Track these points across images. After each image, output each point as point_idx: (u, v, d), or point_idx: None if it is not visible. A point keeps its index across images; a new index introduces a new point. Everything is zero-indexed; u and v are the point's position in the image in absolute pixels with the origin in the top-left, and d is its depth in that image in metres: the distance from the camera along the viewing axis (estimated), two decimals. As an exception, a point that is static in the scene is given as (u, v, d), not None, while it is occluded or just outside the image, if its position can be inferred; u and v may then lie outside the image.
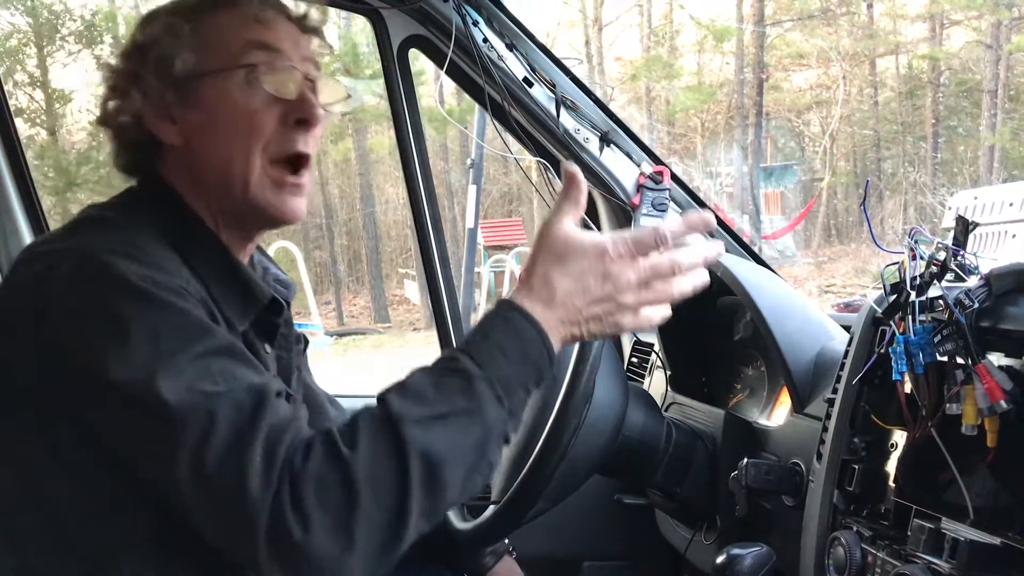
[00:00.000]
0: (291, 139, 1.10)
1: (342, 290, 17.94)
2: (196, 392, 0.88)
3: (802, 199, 17.66)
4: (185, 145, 1.10)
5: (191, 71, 1.08)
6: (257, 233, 1.19)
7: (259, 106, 1.08)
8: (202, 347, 0.91)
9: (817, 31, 18.60)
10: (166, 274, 0.96)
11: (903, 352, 1.03)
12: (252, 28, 1.10)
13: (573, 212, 1.01)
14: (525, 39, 1.94)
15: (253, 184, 1.09)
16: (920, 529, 1.01)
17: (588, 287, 0.98)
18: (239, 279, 1.10)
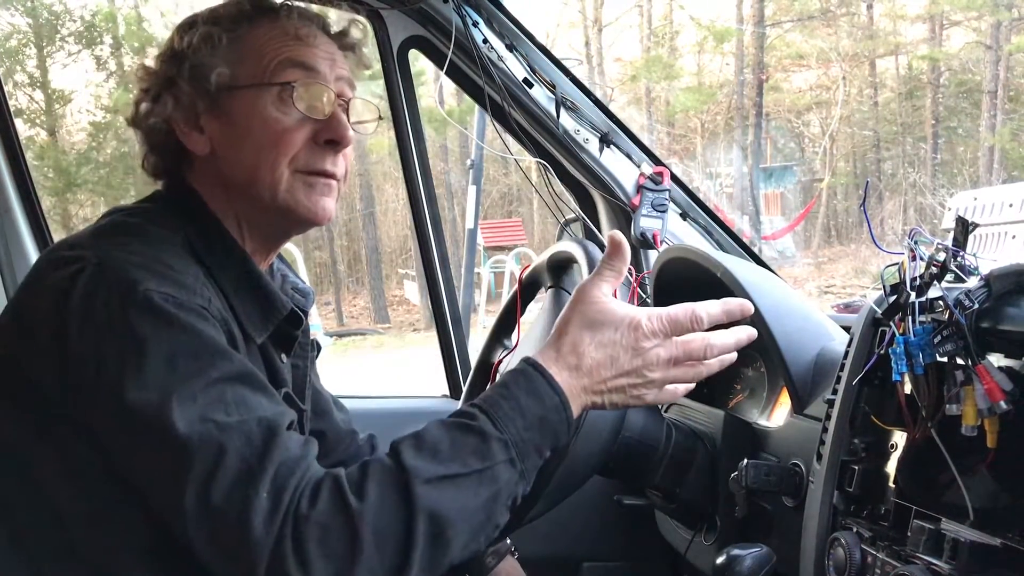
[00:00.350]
0: (319, 157, 1.10)
1: (342, 291, 17.94)
2: (208, 422, 0.88)
3: (802, 200, 17.67)
4: (212, 155, 1.10)
5: (225, 83, 1.08)
6: (283, 240, 1.19)
7: (290, 124, 1.08)
8: (218, 372, 0.91)
9: (817, 32, 18.62)
10: (188, 292, 0.96)
11: (903, 353, 1.03)
12: (290, 45, 1.10)
13: (612, 280, 1.02)
14: (525, 40, 1.94)
15: (282, 190, 1.09)
16: (920, 530, 1.01)
17: (617, 359, 0.99)
18: (260, 290, 1.10)
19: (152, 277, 0.93)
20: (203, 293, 0.98)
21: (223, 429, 0.88)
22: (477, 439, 0.94)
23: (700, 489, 1.45)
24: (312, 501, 0.88)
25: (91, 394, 0.91)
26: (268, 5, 1.13)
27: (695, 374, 1.03)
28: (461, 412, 0.98)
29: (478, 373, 1.63)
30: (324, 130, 1.10)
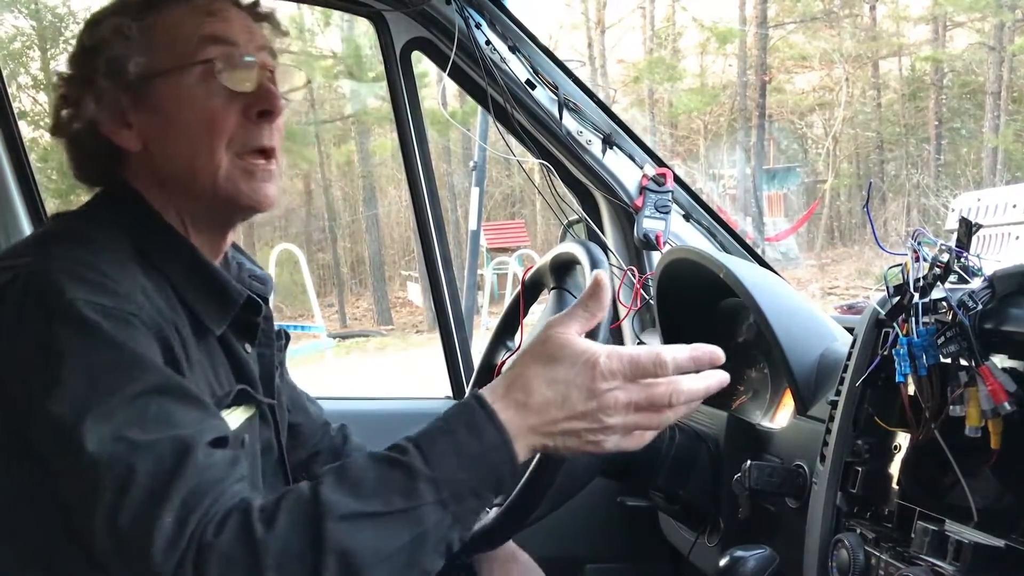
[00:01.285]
0: (255, 133, 1.07)
1: (345, 292, 17.96)
2: (121, 441, 0.84)
3: (805, 201, 17.67)
4: (145, 149, 1.06)
5: (144, 72, 1.04)
6: (230, 228, 1.15)
7: (218, 102, 1.05)
8: (139, 386, 0.88)
9: (820, 33, 18.62)
10: (119, 299, 0.92)
11: (906, 354, 1.03)
12: (203, 22, 1.06)
13: (584, 322, 0.94)
14: (527, 41, 1.94)
15: (221, 178, 1.05)
16: (924, 531, 1.01)
17: (569, 399, 0.90)
18: (212, 282, 1.08)
19: (81, 286, 0.91)
20: (136, 299, 0.95)
21: (135, 448, 0.84)
22: (404, 476, 0.86)
23: (703, 490, 1.45)
24: (218, 529, 0.83)
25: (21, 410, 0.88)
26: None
27: (659, 421, 0.93)
28: (394, 445, 0.90)
29: (481, 375, 1.63)
30: (254, 103, 1.06)
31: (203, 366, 1.05)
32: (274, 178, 1.10)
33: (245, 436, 1.10)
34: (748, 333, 1.63)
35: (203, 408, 0.93)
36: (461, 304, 2.24)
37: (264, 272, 1.27)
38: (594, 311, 0.95)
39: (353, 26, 14.40)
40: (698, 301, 1.68)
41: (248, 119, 1.07)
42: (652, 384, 0.91)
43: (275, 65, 1.11)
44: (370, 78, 14.81)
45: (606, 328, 1.22)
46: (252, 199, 1.08)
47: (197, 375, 1.02)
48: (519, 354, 0.95)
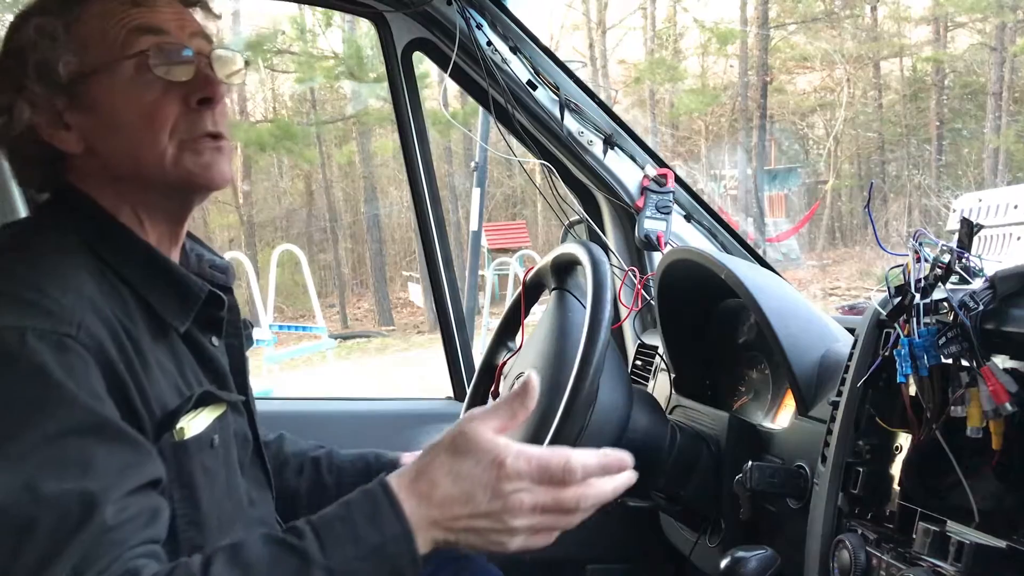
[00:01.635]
0: (198, 121, 1.04)
1: (346, 293, 17.96)
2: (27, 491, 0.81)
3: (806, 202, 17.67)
4: (88, 150, 1.03)
5: (76, 72, 1.01)
6: (186, 215, 1.12)
7: (156, 95, 1.02)
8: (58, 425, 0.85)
9: (821, 34, 18.62)
10: (53, 319, 0.89)
11: (908, 354, 1.03)
12: (131, 13, 1.02)
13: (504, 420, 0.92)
14: (529, 42, 1.94)
15: (169, 164, 1.03)
16: (925, 532, 1.01)
17: (474, 497, 0.88)
18: (172, 279, 1.05)
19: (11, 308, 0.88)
20: (75, 317, 0.91)
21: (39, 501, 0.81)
22: (298, 562, 0.84)
23: (704, 491, 1.45)
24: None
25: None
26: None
27: (565, 523, 0.93)
28: (292, 527, 0.88)
29: (482, 375, 1.63)
30: (194, 91, 1.04)
31: (166, 369, 1.02)
32: (225, 155, 1.07)
33: (214, 437, 1.08)
34: (749, 334, 1.63)
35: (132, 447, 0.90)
36: (462, 305, 2.24)
37: (224, 261, 1.24)
38: (516, 411, 0.93)
39: (354, 27, 14.40)
40: (699, 302, 1.68)
41: (189, 107, 1.04)
42: (560, 488, 0.90)
43: (211, 49, 1.08)
44: (371, 79, 14.81)
45: (607, 329, 1.22)
46: (204, 177, 1.05)
47: (160, 379, 1.00)
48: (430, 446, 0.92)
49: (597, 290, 1.26)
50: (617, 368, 1.40)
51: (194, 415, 1.05)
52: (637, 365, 2.02)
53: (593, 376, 1.19)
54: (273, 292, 10.78)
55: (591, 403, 1.21)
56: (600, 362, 1.20)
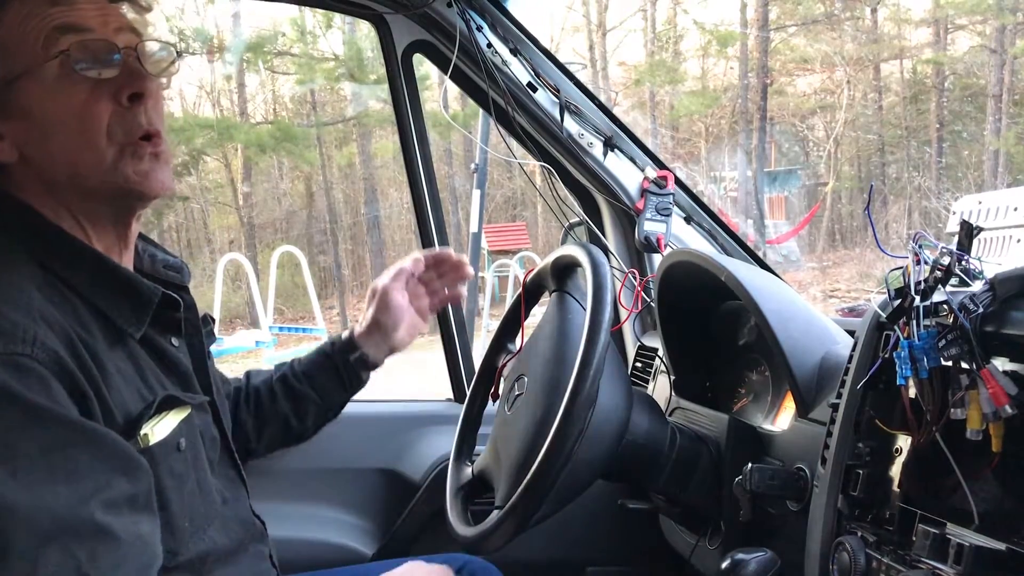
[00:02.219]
0: (132, 120, 1.02)
1: (346, 295, 17.95)
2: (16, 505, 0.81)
3: (806, 204, 17.67)
4: (22, 158, 1.01)
5: (1, 79, 0.98)
6: (131, 220, 1.10)
7: (85, 95, 0.99)
8: (42, 443, 0.85)
9: (821, 36, 18.62)
10: (4, 339, 0.87)
11: (907, 357, 1.03)
12: (51, 14, 0.99)
13: None
14: (529, 44, 1.94)
15: (107, 171, 1.01)
16: (925, 534, 1.01)
17: None
18: (122, 284, 1.04)
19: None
20: (28, 333, 0.89)
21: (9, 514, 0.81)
22: None
23: (704, 493, 1.45)
24: None
25: None
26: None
27: None
28: None
29: (482, 377, 1.63)
30: (122, 87, 1.01)
31: (127, 375, 1.01)
32: (164, 160, 1.05)
33: (180, 440, 1.07)
34: (749, 336, 1.63)
35: (120, 458, 0.91)
36: (462, 306, 2.24)
37: (178, 260, 1.22)
38: None
39: (355, 29, 14.41)
40: (699, 303, 1.68)
41: (120, 105, 1.01)
42: None
43: (138, 42, 1.04)
44: (372, 80, 14.82)
45: (607, 331, 1.22)
46: (145, 186, 1.03)
47: (119, 387, 0.99)
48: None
49: (597, 292, 1.26)
50: (617, 370, 1.40)
51: (158, 420, 1.04)
52: (637, 367, 2.02)
53: (593, 378, 1.19)
54: (273, 294, 10.79)
55: (591, 405, 1.21)
56: (600, 364, 1.20)
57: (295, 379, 1.53)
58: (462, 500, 1.47)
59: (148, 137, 1.03)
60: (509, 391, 1.47)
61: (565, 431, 1.18)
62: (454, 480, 1.51)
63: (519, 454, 1.32)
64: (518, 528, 1.24)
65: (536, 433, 1.30)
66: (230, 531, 1.18)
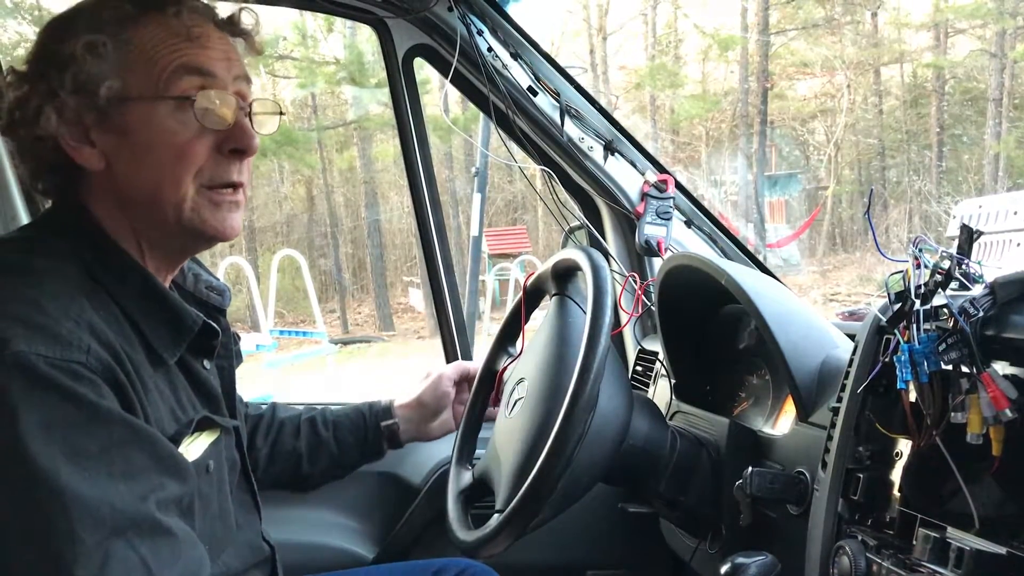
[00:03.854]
0: (225, 169, 1.04)
1: (346, 298, 17.95)
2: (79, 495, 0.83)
3: (806, 208, 17.67)
4: (107, 169, 1.02)
5: (116, 95, 0.99)
6: (186, 256, 1.13)
7: (191, 135, 1.01)
8: (99, 443, 0.86)
9: (821, 40, 18.62)
10: (62, 347, 0.88)
11: (908, 361, 1.03)
12: (183, 49, 1.01)
13: None
14: (529, 48, 1.94)
15: (187, 209, 1.02)
16: (925, 538, 1.01)
17: None
18: (166, 309, 1.04)
19: (24, 333, 0.87)
20: (82, 342, 0.90)
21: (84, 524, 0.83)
22: None
23: (704, 497, 1.45)
24: None
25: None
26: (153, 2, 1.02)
27: None
28: None
29: (482, 381, 1.63)
30: (228, 140, 1.03)
31: (163, 394, 1.02)
32: (240, 208, 1.07)
33: (210, 462, 1.08)
34: (749, 339, 1.63)
35: (167, 458, 0.93)
36: (463, 310, 2.24)
37: (221, 283, 1.23)
38: None
39: (356, 32, 14.43)
40: (699, 307, 1.68)
41: (220, 154, 1.03)
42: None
43: (250, 96, 1.07)
44: (372, 84, 14.84)
45: (607, 335, 1.22)
46: (217, 230, 1.05)
47: (157, 405, 1.00)
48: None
49: (597, 296, 1.26)
50: (617, 374, 1.40)
51: (191, 440, 1.05)
52: (637, 371, 2.02)
53: (593, 382, 1.19)
54: (274, 297, 10.78)
55: (591, 409, 1.21)
56: (600, 368, 1.20)
57: (322, 425, 1.54)
58: (462, 504, 1.47)
59: (233, 186, 1.05)
60: (509, 395, 1.47)
61: (566, 435, 1.18)
62: (455, 484, 1.51)
63: (520, 458, 1.32)
64: (518, 532, 1.24)
65: (536, 437, 1.30)
66: (241, 556, 1.19)
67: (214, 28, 1.05)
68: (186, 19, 1.02)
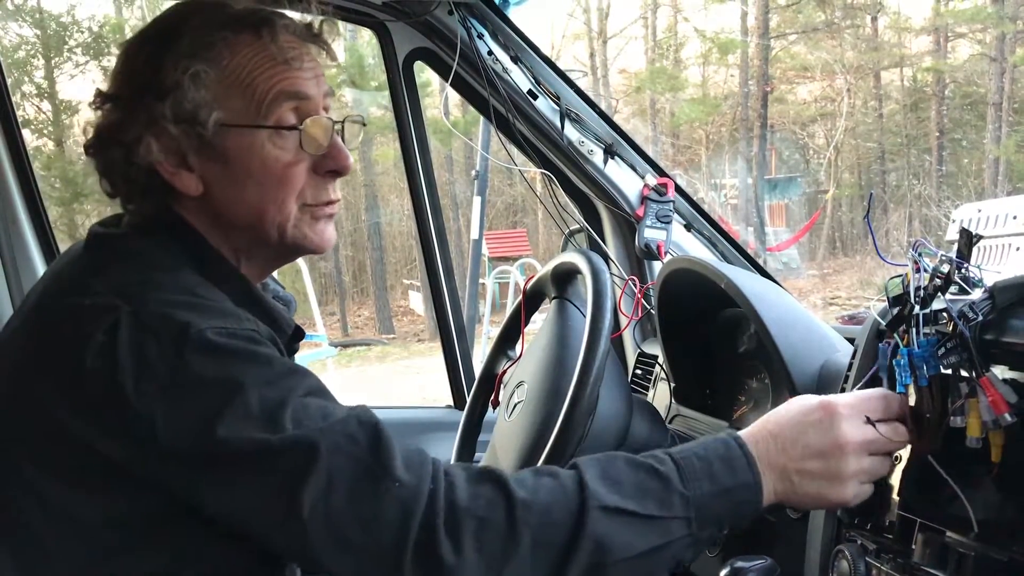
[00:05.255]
0: (324, 189, 1.06)
1: (347, 301, 17.96)
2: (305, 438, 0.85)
3: (806, 211, 17.68)
4: (206, 194, 1.02)
5: (216, 123, 0.99)
6: (279, 266, 1.15)
7: (290, 159, 1.02)
8: (297, 392, 0.88)
9: (821, 44, 18.65)
10: (234, 320, 0.92)
11: (907, 365, 1.03)
12: (279, 73, 1.00)
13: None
14: (529, 52, 1.95)
15: (291, 227, 1.04)
16: (925, 542, 1.01)
17: (805, 435, 0.97)
18: (264, 312, 1.05)
19: (195, 313, 0.89)
20: (246, 315, 0.94)
21: (324, 435, 0.85)
22: (661, 486, 0.90)
23: (704, 501, 1.45)
24: (471, 494, 0.85)
25: (169, 451, 0.85)
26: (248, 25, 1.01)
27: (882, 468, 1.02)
28: (653, 454, 0.94)
29: (482, 383, 1.63)
30: (325, 161, 1.05)
31: None
32: (334, 221, 1.10)
33: None
34: (749, 343, 1.63)
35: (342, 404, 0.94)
36: (463, 313, 2.25)
37: (288, 294, 1.25)
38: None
39: (356, 36, 14.45)
40: (699, 311, 1.67)
41: (318, 175, 1.05)
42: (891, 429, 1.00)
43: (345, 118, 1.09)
44: (373, 87, 14.85)
45: (607, 338, 1.22)
46: (316, 244, 1.07)
47: None
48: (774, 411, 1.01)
49: (597, 299, 1.26)
50: (617, 377, 1.40)
51: None
52: (637, 374, 2.02)
53: (593, 385, 1.19)
54: (274, 300, 10.76)
55: (591, 412, 1.21)
56: (600, 371, 1.20)
57: None
58: (462, 507, 1.47)
59: (330, 202, 1.08)
60: (509, 398, 1.47)
61: (565, 438, 1.18)
62: (454, 487, 1.51)
63: (519, 461, 1.32)
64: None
65: (536, 440, 1.30)
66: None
67: (304, 46, 1.05)
68: (281, 41, 1.01)
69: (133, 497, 0.90)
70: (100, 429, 0.87)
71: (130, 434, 0.86)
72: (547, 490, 0.88)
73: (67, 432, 0.88)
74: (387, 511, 0.84)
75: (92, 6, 20.29)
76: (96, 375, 0.86)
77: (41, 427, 0.90)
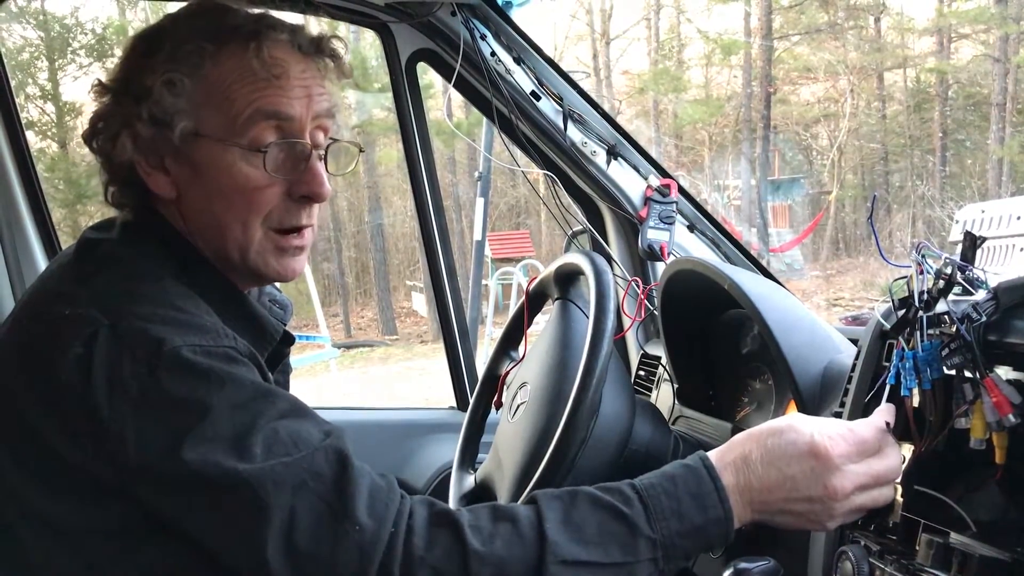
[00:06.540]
0: (294, 214, 1.04)
1: (349, 302, 17.97)
2: (271, 471, 0.84)
3: (810, 212, 17.67)
4: (179, 198, 1.02)
5: (190, 131, 0.98)
6: (253, 286, 1.13)
7: (262, 180, 1.00)
8: (266, 416, 0.87)
9: (824, 45, 18.64)
10: (212, 336, 0.91)
11: (912, 368, 1.03)
12: (260, 89, 0.98)
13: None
14: (532, 53, 1.95)
15: (253, 252, 1.02)
16: (928, 544, 1.00)
17: (795, 483, 0.94)
18: (249, 317, 1.05)
19: (172, 329, 0.88)
20: (224, 331, 0.93)
21: (290, 469, 0.84)
22: (627, 531, 0.88)
23: (707, 502, 1.45)
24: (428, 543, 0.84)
25: (138, 467, 0.85)
26: (235, 38, 0.99)
27: (884, 498, 1.01)
28: (617, 491, 0.92)
29: (485, 385, 1.63)
30: (299, 186, 1.02)
31: None
32: (305, 250, 1.08)
33: None
34: (752, 344, 1.63)
35: (322, 421, 0.92)
36: (465, 314, 2.25)
37: (284, 297, 1.23)
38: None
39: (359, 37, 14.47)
40: (702, 312, 1.67)
41: (290, 199, 1.03)
42: (875, 459, 0.98)
43: (328, 143, 1.05)
44: (376, 89, 14.86)
45: (610, 339, 1.22)
46: (278, 274, 1.06)
47: None
48: (747, 432, 0.99)
49: (600, 300, 1.26)
50: (620, 378, 1.40)
51: None
52: (640, 375, 2.02)
53: (596, 386, 1.19)
54: (276, 301, 10.78)
55: (594, 413, 1.21)
56: (603, 372, 1.20)
57: None
58: (465, 508, 1.47)
59: (299, 229, 1.05)
60: (512, 399, 1.47)
61: (568, 439, 1.18)
62: (457, 488, 1.51)
63: (522, 462, 1.32)
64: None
65: (539, 441, 1.30)
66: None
67: (297, 61, 1.02)
68: (267, 57, 0.98)
69: (109, 508, 0.89)
70: (73, 441, 0.87)
71: (102, 448, 0.86)
72: (504, 541, 0.86)
73: (43, 440, 0.88)
74: (345, 556, 0.83)
75: (95, 8, 20.33)
76: (71, 388, 0.86)
77: (20, 433, 0.90)
